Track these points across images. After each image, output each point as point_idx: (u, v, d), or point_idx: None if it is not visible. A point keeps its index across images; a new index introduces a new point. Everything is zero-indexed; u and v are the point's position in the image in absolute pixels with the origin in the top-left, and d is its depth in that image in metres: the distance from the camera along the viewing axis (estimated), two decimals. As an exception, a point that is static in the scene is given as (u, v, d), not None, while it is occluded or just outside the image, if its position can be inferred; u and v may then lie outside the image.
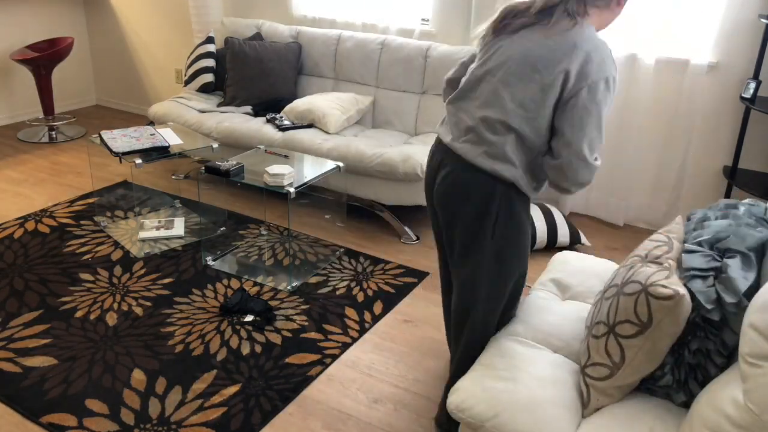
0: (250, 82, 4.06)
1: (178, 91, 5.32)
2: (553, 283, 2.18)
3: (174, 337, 2.58)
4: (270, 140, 3.63)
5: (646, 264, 1.62)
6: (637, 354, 1.54)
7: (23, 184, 4.03)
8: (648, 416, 1.55)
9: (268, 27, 4.33)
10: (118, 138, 3.30)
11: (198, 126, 3.84)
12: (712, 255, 1.61)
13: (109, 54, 5.57)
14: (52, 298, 2.82)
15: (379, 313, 2.80)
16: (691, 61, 3.32)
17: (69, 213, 3.63)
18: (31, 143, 4.76)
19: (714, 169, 3.51)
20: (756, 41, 3.20)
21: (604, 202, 3.80)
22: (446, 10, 3.94)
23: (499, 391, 1.63)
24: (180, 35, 5.12)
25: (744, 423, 1.27)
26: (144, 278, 3.00)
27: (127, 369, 2.39)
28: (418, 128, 3.84)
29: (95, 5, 5.45)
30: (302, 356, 2.50)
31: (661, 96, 3.49)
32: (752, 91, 3.12)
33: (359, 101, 3.86)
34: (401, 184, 3.36)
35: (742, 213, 1.75)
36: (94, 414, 2.17)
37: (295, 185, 2.90)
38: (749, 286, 1.50)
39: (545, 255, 3.38)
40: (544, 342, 1.87)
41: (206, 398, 2.26)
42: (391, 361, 2.51)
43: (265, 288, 2.97)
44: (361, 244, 3.42)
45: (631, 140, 3.58)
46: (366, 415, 2.23)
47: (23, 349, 2.48)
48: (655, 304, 1.48)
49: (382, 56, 3.93)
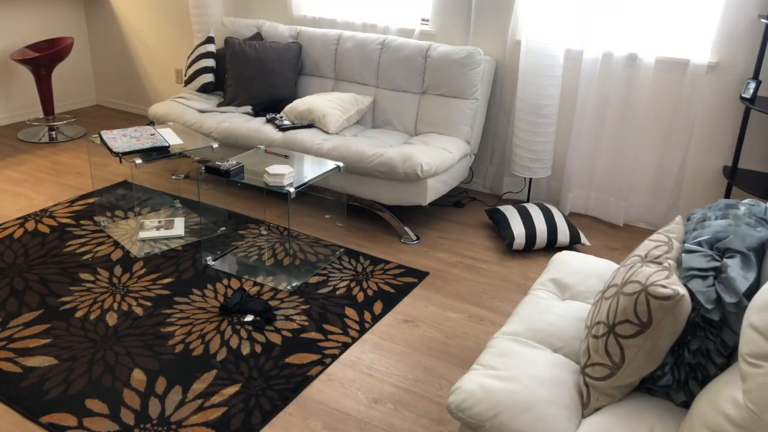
0: (250, 82, 4.06)
1: (178, 91, 5.32)
2: (552, 283, 2.18)
3: (174, 337, 2.58)
4: (270, 140, 3.63)
5: (646, 264, 1.62)
6: (637, 354, 1.54)
7: (23, 184, 4.03)
8: (648, 416, 1.55)
9: (268, 27, 4.33)
10: (118, 138, 3.30)
11: (198, 126, 3.84)
12: (711, 255, 1.61)
13: (109, 54, 5.57)
14: (52, 298, 2.82)
15: (379, 313, 2.80)
16: (691, 61, 3.32)
17: (69, 213, 3.63)
18: (31, 143, 4.76)
19: (714, 169, 3.51)
20: (756, 41, 3.21)
21: (604, 202, 3.80)
22: (446, 10, 3.94)
23: (499, 391, 1.63)
24: (180, 35, 5.12)
25: (744, 423, 1.27)
26: (144, 278, 3.00)
27: (127, 369, 2.39)
28: (418, 128, 3.84)
29: (95, 5, 5.45)
30: (302, 356, 2.50)
31: (661, 96, 3.49)
32: (752, 91, 3.12)
33: (359, 101, 3.86)
34: (401, 184, 3.36)
35: (742, 213, 1.75)
36: (94, 414, 2.17)
37: (295, 185, 2.90)
38: (749, 286, 1.50)
39: (545, 255, 3.38)
40: (544, 342, 1.87)
41: (206, 398, 2.26)
42: (391, 361, 2.51)
43: (265, 288, 2.97)
44: (361, 244, 3.42)
45: (631, 140, 3.58)
46: (366, 415, 2.23)
47: (23, 349, 2.48)
48: (655, 304, 1.48)
49: (382, 56, 3.93)
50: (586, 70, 3.58)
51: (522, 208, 3.50)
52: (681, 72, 3.41)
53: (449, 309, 2.87)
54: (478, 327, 2.75)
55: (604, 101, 3.63)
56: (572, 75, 3.70)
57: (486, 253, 3.39)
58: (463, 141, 3.69)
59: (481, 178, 4.18)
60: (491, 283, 3.10)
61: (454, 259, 3.30)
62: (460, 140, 3.67)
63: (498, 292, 3.02)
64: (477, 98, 3.70)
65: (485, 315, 2.84)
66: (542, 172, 3.71)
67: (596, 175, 3.76)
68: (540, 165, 3.69)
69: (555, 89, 3.54)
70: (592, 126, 3.70)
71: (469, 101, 3.69)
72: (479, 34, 3.89)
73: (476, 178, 4.19)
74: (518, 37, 3.76)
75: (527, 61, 3.54)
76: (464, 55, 3.65)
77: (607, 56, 3.55)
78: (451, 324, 2.76)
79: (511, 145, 3.89)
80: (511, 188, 4.08)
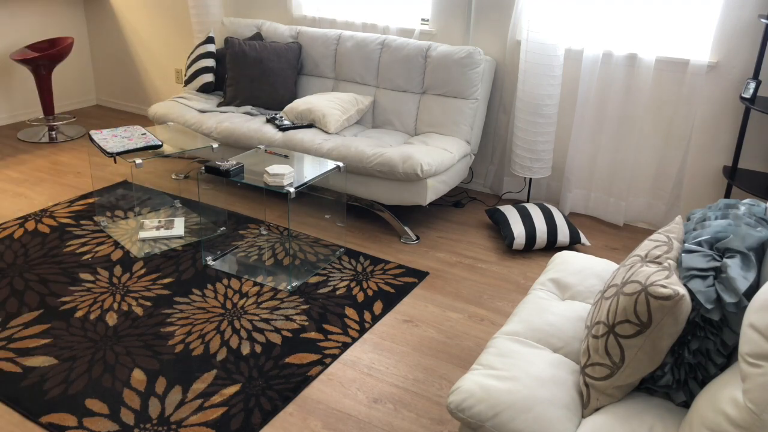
0: (250, 82, 4.06)
1: (178, 91, 5.32)
2: (552, 282, 2.18)
3: (174, 337, 2.58)
4: (270, 140, 3.63)
5: (646, 264, 1.62)
6: (637, 354, 1.54)
7: (23, 184, 4.03)
8: (648, 416, 1.55)
9: (268, 27, 4.33)
10: (109, 138, 3.30)
11: (198, 126, 3.84)
12: (711, 255, 1.61)
13: (109, 54, 5.57)
14: (52, 298, 2.82)
15: (379, 313, 2.80)
16: (691, 61, 3.32)
17: (69, 213, 3.63)
18: (31, 143, 4.76)
19: (714, 169, 3.51)
20: (756, 41, 3.21)
21: (604, 202, 3.80)
22: (446, 10, 3.94)
23: (499, 391, 1.63)
24: (180, 35, 5.12)
25: (743, 422, 1.27)
26: (144, 278, 3.00)
27: (127, 369, 2.39)
28: (418, 128, 3.84)
29: (95, 5, 5.45)
30: (302, 356, 2.50)
31: (661, 96, 3.49)
32: (752, 91, 3.12)
33: (359, 101, 3.86)
34: (401, 184, 3.36)
35: (742, 213, 1.75)
36: (94, 414, 2.17)
37: (295, 185, 2.90)
38: (749, 285, 1.50)
39: (545, 255, 3.38)
40: (544, 342, 1.87)
41: (206, 398, 2.26)
42: (391, 361, 2.51)
43: (265, 288, 2.97)
44: (361, 244, 3.42)
45: (631, 140, 3.58)
46: (366, 415, 2.23)
47: (23, 349, 2.48)
48: (655, 304, 1.48)
49: (382, 56, 3.93)
50: (586, 69, 3.58)
51: (522, 208, 3.50)
52: (681, 72, 3.41)
53: (449, 309, 2.87)
54: (478, 327, 2.75)
55: (604, 101, 3.63)
56: (572, 75, 3.70)
57: (486, 253, 3.39)
58: (463, 141, 3.69)
59: (481, 178, 4.18)
60: (491, 283, 3.10)
61: (454, 259, 3.30)
62: (460, 140, 3.67)
63: (498, 292, 3.02)
64: (477, 98, 3.70)
65: (485, 315, 2.84)
66: (542, 172, 3.71)
67: (596, 175, 3.76)
68: (540, 165, 3.69)
69: (555, 89, 3.54)
70: (592, 126, 3.70)
71: (469, 101, 3.69)
72: (479, 34, 3.89)
73: (476, 178, 4.19)
74: (518, 37, 3.76)
75: (527, 61, 3.54)
76: (464, 55, 3.65)
77: (607, 56, 3.55)
78: (451, 324, 2.76)
79: (511, 145, 3.89)
80: (511, 188, 4.08)
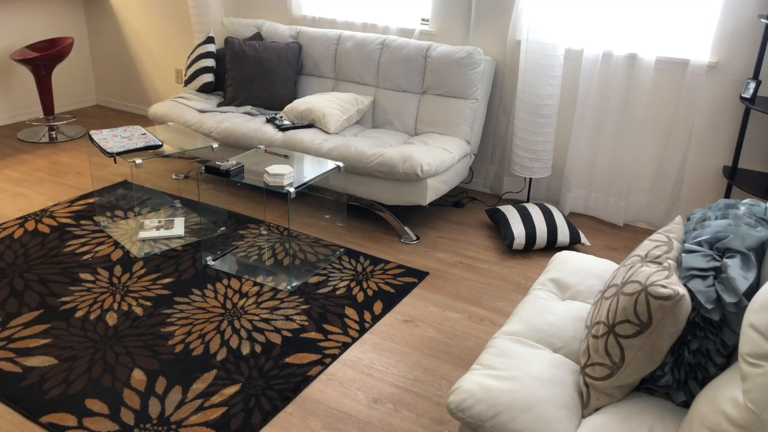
0: (250, 82, 4.06)
1: (178, 91, 5.32)
2: (552, 282, 2.18)
3: (174, 337, 2.58)
4: (270, 140, 3.63)
5: (646, 264, 1.62)
6: (637, 354, 1.54)
7: (23, 184, 4.03)
8: (648, 416, 1.55)
9: (268, 27, 4.33)
10: (109, 138, 3.30)
11: (198, 126, 3.84)
12: (711, 255, 1.61)
13: (109, 54, 5.57)
14: (52, 298, 2.82)
15: (379, 313, 2.80)
16: (691, 61, 3.32)
17: (69, 213, 3.63)
18: (31, 143, 4.76)
19: (714, 169, 3.51)
20: (756, 41, 3.20)
21: (603, 202, 3.80)
22: (446, 10, 3.94)
23: (499, 391, 1.63)
24: (180, 35, 5.12)
25: (743, 422, 1.27)
26: (144, 278, 3.00)
27: (127, 369, 2.39)
28: (418, 128, 3.84)
29: (95, 5, 5.45)
30: (302, 356, 2.50)
31: (661, 96, 3.49)
32: (752, 91, 3.12)
33: (359, 101, 3.86)
34: (401, 184, 3.36)
35: (742, 213, 1.75)
36: (94, 414, 2.17)
37: (295, 185, 2.90)
38: (749, 285, 1.50)
39: (545, 255, 3.38)
40: (544, 342, 1.87)
41: (206, 398, 2.26)
42: (391, 361, 2.51)
43: (265, 288, 2.97)
44: (361, 244, 3.42)
45: (631, 140, 3.58)
46: (366, 415, 2.23)
47: (23, 349, 2.48)
48: (655, 304, 1.48)
49: (382, 56, 3.93)
50: (586, 69, 3.58)
51: (522, 208, 3.50)
52: (681, 72, 3.41)
53: (449, 309, 2.87)
54: (478, 327, 2.75)
55: (604, 101, 3.63)
56: (572, 75, 3.70)
57: (486, 253, 3.39)
58: (463, 141, 3.69)
59: (481, 178, 4.18)
60: (491, 283, 3.10)
61: (454, 259, 3.30)
62: (460, 140, 3.67)
63: (498, 292, 3.02)
64: (477, 98, 3.70)
65: (485, 315, 2.84)
66: (542, 172, 3.71)
67: (596, 175, 3.76)
68: (540, 165, 3.69)
69: (555, 89, 3.54)
70: (592, 126, 3.70)
71: (469, 101, 3.69)
72: (479, 34, 3.89)
73: (476, 178, 4.19)
74: (518, 37, 3.76)
75: (527, 61, 3.54)
76: (464, 55, 3.65)
77: (607, 56, 3.55)
78: (451, 324, 2.76)
79: (511, 144, 3.89)
80: (511, 188, 4.08)
